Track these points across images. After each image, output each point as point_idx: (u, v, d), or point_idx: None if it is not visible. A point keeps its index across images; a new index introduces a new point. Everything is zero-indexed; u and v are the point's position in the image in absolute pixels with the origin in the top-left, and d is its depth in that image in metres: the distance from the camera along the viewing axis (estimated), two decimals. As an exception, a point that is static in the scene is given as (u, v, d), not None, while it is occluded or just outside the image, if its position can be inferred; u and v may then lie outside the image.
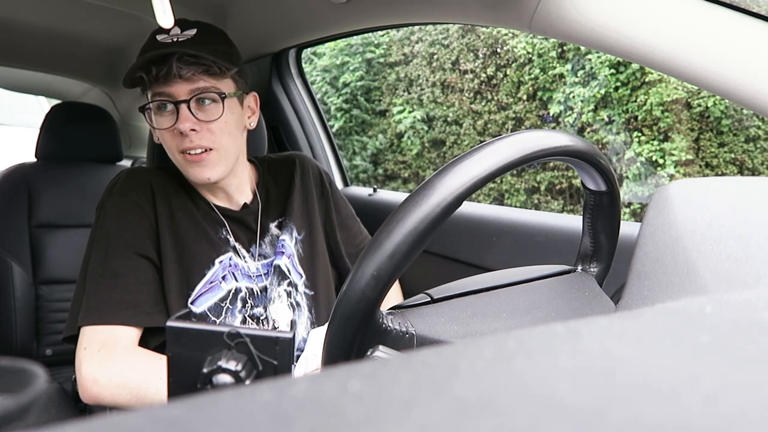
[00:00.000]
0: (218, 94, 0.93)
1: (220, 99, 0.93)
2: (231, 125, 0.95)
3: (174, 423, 0.15)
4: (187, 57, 0.90)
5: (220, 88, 0.93)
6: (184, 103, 0.91)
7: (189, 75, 0.90)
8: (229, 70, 0.94)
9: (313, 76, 5.44)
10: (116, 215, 0.95)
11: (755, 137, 3.95)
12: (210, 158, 0.94)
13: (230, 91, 0.95)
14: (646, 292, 0.36)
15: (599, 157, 0.57)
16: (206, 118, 0.92)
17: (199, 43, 0.92)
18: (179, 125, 0.91)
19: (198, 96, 0.92)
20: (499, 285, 0.59)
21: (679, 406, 0.15)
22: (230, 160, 0.97)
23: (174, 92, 0.92)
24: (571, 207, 4.50)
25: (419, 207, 0.45)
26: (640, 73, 4.04)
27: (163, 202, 0.98)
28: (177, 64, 0.90)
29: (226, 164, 0.96)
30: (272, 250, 1.05)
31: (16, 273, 1.58)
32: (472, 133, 4.85)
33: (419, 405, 0.15)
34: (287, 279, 1.03)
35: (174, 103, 0.92)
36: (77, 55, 1.89)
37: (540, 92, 4.53)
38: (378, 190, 1.66)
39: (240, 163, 1.03)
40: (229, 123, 0.95)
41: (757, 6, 0.69)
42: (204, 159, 0.93)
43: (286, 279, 1.03)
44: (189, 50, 0.90)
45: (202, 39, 0.93)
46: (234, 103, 0.97)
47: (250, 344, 0.38)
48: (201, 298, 0.95)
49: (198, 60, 0.90)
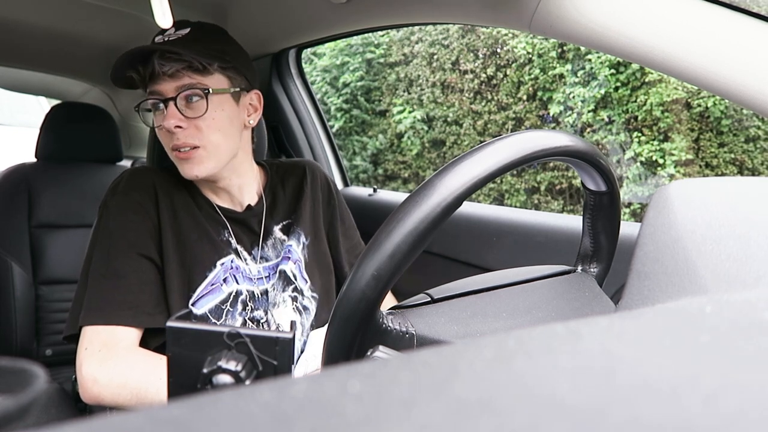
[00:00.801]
0: (202, 90, 0.92)
1: (203, 95, 0.92)
2: (221, 122, 0.94)
3: (174, 423, 0.15)
4: (169, 54, 0.90)
5: (206, 84, 0.93)
6: (171, 100, 0.92)
7: (172, 72, 0.91)
8: (211, 65, 0.93)
9: (313, 76, 5.44)
10: (119, 215, 0.95)
11: (755, 137, 3.95)
12: (197, 155, 0.93)
13: (220, 87, 0.95)
14: (646, 292, 0.36)
15: (599, 157, 0.57)
16: (193, 115, 0.92)
17: (187, 41, 0.92)
18: (164, 122, 0.91)
19: (185, 93, 0.92)
20: (499, 285, 0.59)
21: (679, 406, 0.15)
22: (222, 158, 0.96)
23: (162, 90, 0.92)
24: (571, 207, 4.50)
25: (419, 207, 0.45)
26: (640, 74, 4.05)
27: (166, 202, 0.98)
28: (159, 61, 0.90)
29: (216, 161, 0.95)
30: (274, 253, 1.05)
31: (16, 273, 1.58)
32: (472, 134, 4.85)
33: (419, 405, 0.15)
34: (293, 284, 1.03)
35: (163, 101, 0.93)
36: (77, 55, 1.89)
37: (540, 92, 4.53)
38: (378, 191, 1.67)
39: (242, 163, 1.03)
40: (219, 119, 0.94)
41: (757, 6, 0.69)
42: (191, 156, 0.93)
43: (291, 284, 1.03)
44: (170, 48, 0.90)
45: (192, 37, 0.93)
46: (225, 99, 0.95)
47: (250, 344, 0.38)
48: (202, 300, 0.95)
49: (180, 57, 0.90)
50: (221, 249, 0.99)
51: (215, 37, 0.98)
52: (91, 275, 0.93)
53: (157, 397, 0.83)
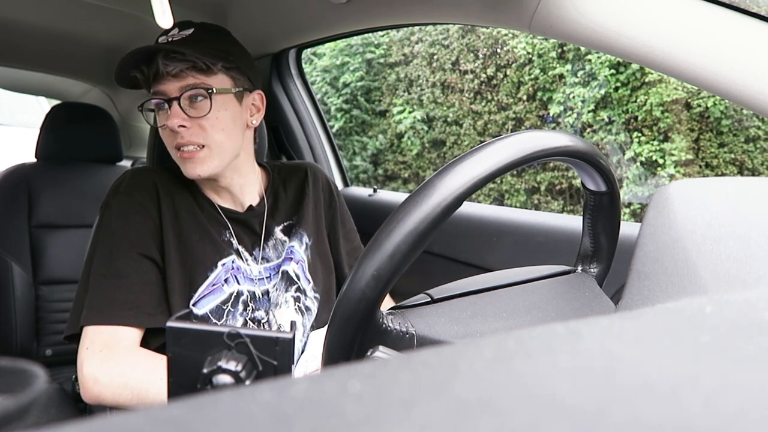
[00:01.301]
0: (206, 89, 0.93)
1: (207, 95, 0.93)
2: (225, 121, 0.95)
3: (174, 423, 0.15)
4: (173, 54, 0.91)
5: (209, 84, 0.93)
6: (175, 100, 0.92)
7: (176, 71, 0.91)
8: (215, 65, 0.93)
9: (313, 76, 5.44)
10: (121, 215, 0.95)
11: (755, 137, 3.95)
12: (201, 154, 0.94)
13: (223, 87, 0.95)
14: (646, 292, 0.36)
15: (599, 157, 0.57)
16: (197, 115, 0.93)
17: (191, 41, 0.92)
18: (168, 122, 0.92)
19: (189, 93, 0.92)
20: (499, 285, 0.59)
21: (679, 407, 0.15)
22: (225, 157, 0.97)
23: (166, 90, 0.93)
24: (571, 207, 4.50)
25: (419, 207, 0.45)
26: (639, 74, 4.04)
27: (168, 202, 0.98)
28: (163, 61, 0.91)
29: (219, 160, 0.96)
30: (275, 254, 1.05)
31: (16, 273, 1.58)
32: (472, 134, 4.85)
33: (419, 405, 0.15)
34: (295, 284, 1.03)
35: (167, 100, 0.93)
36: (77, 55, 1.89)
37: (540, 93, 4.53)
38: (378, 191, 1.67)
39: (244, 163, 1.03)
40: (222, 119, 0.94)
41: (757, 6, 0.69)
42: (195, 156, 0.93)
43: (294, 285, 1.03)
44: (174, 48, 0.90)
45: (195, 38, 0.93)
46: (228, 99, 0.96)
47: (250, 345, 0.38)
48: (203, 301, 0.95)
49: (184, 57, 0.91)
50: (222, 249, 0.99)
51: (219, 37, 0.98)
52: (92, 275, 0.93)
53: (158, 397, 0.83)
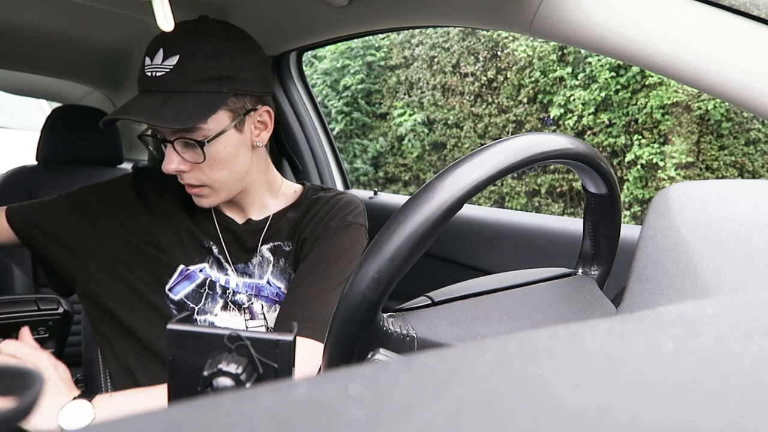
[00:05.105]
0: (197, 142, 0.85)
1: (199, 147, 0.86)
2: (225, 160, 0.89)
3: (174, 426, 0.15)
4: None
5: (203, 133, 0.85)
6: (169, 143, 0.87)
7: None
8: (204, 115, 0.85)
9: (313, 79, 5.45)
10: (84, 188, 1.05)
11: (756, 140, 3.96)
12: (205, 191, 0.91)
13: (220, 127, 0.87)
14: (647, 294, 0.36)
15: (600, 159, 0.57)
16: (193, 160, 0.87)
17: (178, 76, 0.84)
18: (164, 167, 0.88)
19: (182, 140, 0.86)
20: (499, 288, 0.59)
21: (680, 410, 0.15)
22: (232, 189, 0.93)
23: (160, 131, 0.88)
24: (572, 210, 4.50)
25: (420, 209, 0.45)
26: (640, 76, 4.05)
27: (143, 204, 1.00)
28: None
29: (226, 193, 0.93)
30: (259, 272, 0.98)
31: (17, 276, 1.58)
32: (473, 136, 4.85)
33: (420, 408, 0.15)
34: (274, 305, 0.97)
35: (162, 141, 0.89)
36: (78, 58, 1.90)
37: (540, 95, 4.53)
38: (379, 193, 1.67)
39: (254, 180, 0.97)
40: (222, 159, 0.88)
41: (758, 9, 0.69)
42: (200, 192, 0.91)
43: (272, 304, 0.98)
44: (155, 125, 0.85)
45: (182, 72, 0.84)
46: (226, 137, 0.88)
47: (251, 347, 0.38)
48: (177, 287, 0.94)
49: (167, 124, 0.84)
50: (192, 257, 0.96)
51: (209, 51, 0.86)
52: None
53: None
